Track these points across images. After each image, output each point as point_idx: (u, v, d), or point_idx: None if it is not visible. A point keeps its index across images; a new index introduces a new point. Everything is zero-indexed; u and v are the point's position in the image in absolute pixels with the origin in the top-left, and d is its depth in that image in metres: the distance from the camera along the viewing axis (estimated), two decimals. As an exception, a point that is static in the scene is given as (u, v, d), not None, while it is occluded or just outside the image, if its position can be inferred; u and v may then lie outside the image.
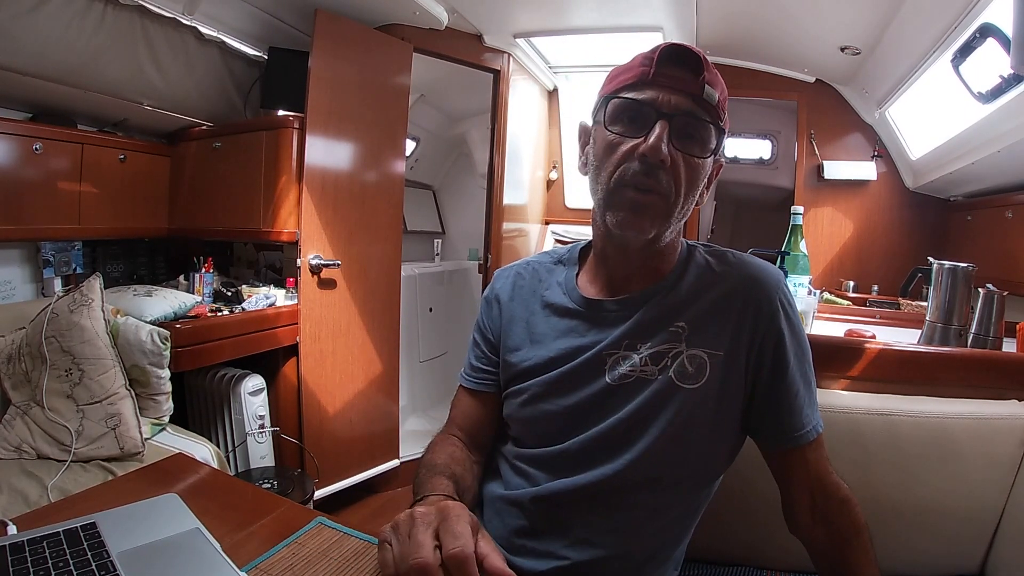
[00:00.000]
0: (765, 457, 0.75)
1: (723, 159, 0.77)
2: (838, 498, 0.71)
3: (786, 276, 1.39)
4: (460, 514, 0.54)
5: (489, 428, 0.86)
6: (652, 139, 0.67)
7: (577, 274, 0.82)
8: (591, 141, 0.76)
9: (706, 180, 0.74)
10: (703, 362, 0.70)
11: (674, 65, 0.69)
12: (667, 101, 0.69)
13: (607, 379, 0.72)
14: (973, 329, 1.18)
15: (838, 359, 1.09)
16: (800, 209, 1.48)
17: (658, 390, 0.70)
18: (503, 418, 0.84)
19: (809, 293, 1.44)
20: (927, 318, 1.23)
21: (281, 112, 2.20)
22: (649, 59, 0.70)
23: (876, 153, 2.58)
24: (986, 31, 1.64)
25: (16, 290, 1.87)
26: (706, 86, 0.69)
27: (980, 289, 1.18)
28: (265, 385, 2.05)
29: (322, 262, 2.09)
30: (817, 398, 0.74)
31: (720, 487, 0.79)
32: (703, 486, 0.76)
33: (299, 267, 2.05)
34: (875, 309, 1.82)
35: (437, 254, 3.67)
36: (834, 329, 1.42)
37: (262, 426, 2.01)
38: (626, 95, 0.71)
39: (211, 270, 2.12)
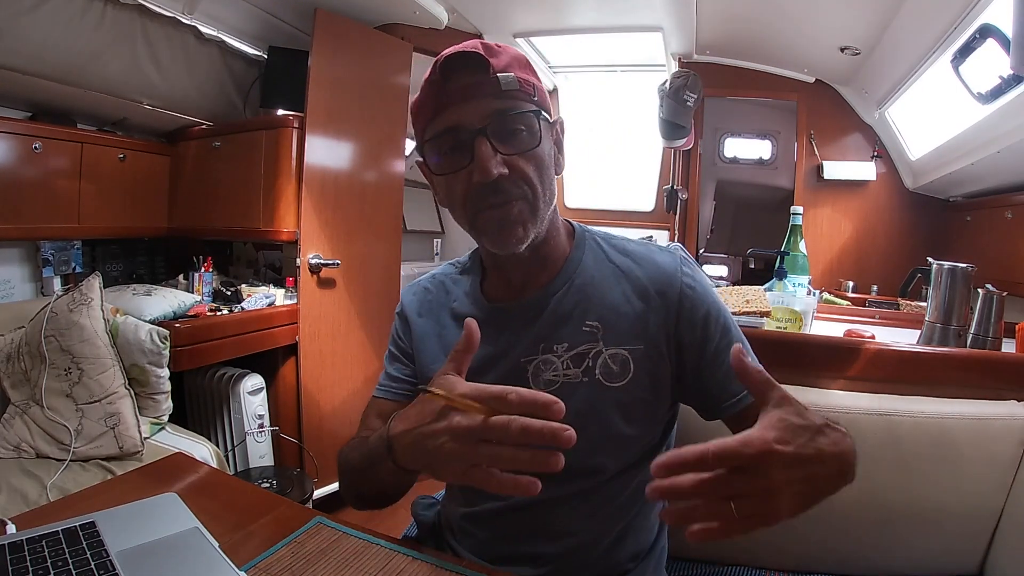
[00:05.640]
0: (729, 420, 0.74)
1: (560, 118, 0.75)
2: None
3: (785, 276, 1.39)
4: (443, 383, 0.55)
5: None
6: (478, 163, 0.65)
7: (482, 280, 0.81)
8: (432, 182, 0.73)
9: (554, 149, 0.73)
10: (625, 358, 0.70)
11: (460, 72, 0.66)
12: (472, 113, 0.65)
13: (533, 387, 0.70)
14: (972, 329, 1.17)
15: (837, 359, 1.09)
16: (799, 209, 1.48)
17: (588, 395, 0.70)
18: None
19: (808, 293, 1.44)
20: (926, 318, 1.23)
21: (281, 111, 2.20)
22: (434, 81, 0.67)
23: (876, 153, 2.58)
24: (986, 31, 1.64)
25: (15, 289, 1.87)
26: (499, 76, 0.65)
27: (979, 289, 1.18)
28: (264, 384, 2.04)
29: (321, 261, 2.09)
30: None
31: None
32: (648, 461, 0.75)
33: (298, 266, 2.04)
34: (874, 309, 1.82)
35: (436, 254, 3.67)
36: (833, 329, 1.42)
37: (261, 425, 2.01)
38: (432, 133, 0.68)
39: (210, 269, 2.12)
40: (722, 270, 3.29)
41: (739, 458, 0.44)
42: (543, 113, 0.69)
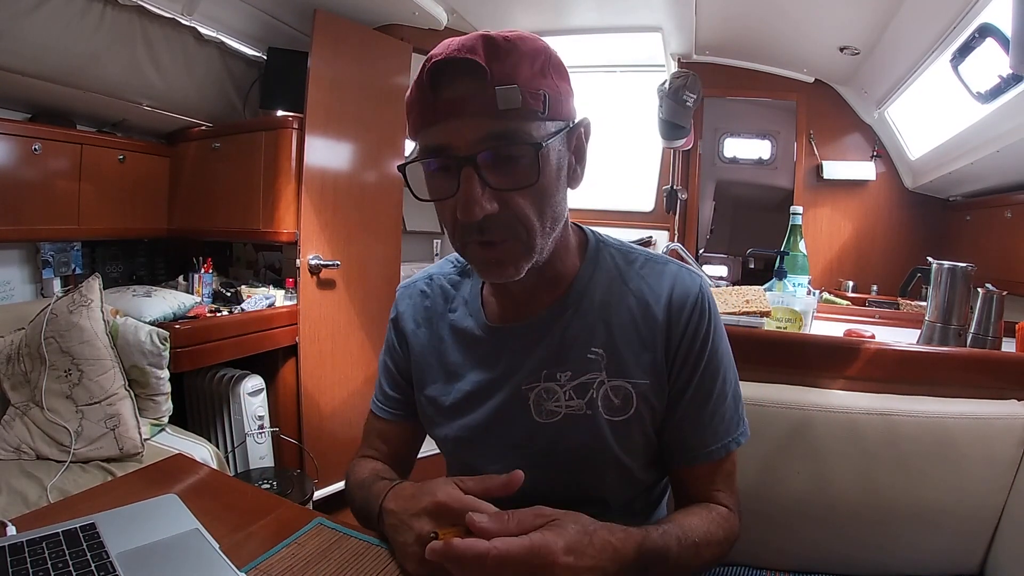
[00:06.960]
0: (668, 470, 0.73)
1: (585, 119, 0.64)
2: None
3: (785, 276, 1.39)
4: (434, 488, 0.58)
5: (409, 454, 0.83)
6: (461, 198, 0.56)
7: (483, 286, 0.75)
8: None
9: (571, 159, 0.63)
10: (628, 392, 0.66)
11: (453, 82, 0.55)
12: (462, 135, 0.55)
13: (535, 417, 0.68)
14: (972, 329, 1.17)
15: (837, 359, 1.09)
16: (799, 209, 1.48)
17: (591, 428, 0.67)
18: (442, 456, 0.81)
19: (808, 293, 1.44)
20: (926, 318, 1.23)
21: (280, 112, 2.20)
22: (423, 87, 0.56)
23: (875, 153, 2.58)
24: (985, 31, 1.64)
25: (15, 291, 1.87)
26: (498, 90, 0.54)
27: (979, 289, 1.18)
28: (264, 385, 2.04)
29: (321, 262, 2.09)
30: (738, 414, 0.71)
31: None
32: (650, 493, 0.76)
33: (298, 267, 2.04)
34: (874, 309, 1.82)
35: (436, 254, 3.66)
36: (833, 329, 1.42)
37: (261, 426, 2.01)
38: (419, 148, 0.60)
39: (210, 270, 2.12)
40: (722, 270, 3.29)
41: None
42: (550, 138, 0.58)
